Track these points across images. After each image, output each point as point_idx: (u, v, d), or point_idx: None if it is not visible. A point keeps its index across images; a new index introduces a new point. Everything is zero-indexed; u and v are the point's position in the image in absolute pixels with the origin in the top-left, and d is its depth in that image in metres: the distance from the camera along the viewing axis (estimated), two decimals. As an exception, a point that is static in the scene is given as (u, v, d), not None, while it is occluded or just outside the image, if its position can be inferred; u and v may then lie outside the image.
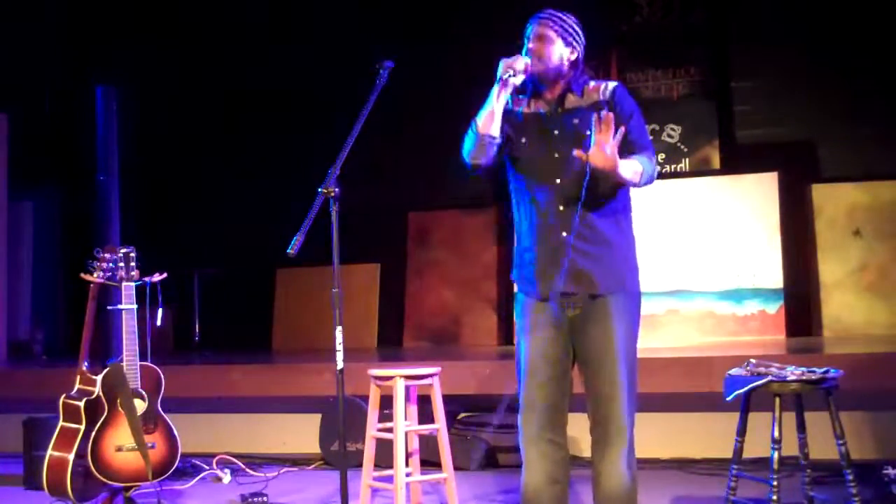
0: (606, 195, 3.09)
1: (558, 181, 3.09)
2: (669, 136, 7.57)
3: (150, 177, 8.23)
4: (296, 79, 8.26)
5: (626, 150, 3.05)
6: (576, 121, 3.11)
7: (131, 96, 7.23)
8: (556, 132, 3.12)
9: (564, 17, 3.17)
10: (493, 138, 3.08)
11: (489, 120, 3.07)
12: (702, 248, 7.13)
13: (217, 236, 8.32)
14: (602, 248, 3.10)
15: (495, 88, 3.07)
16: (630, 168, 2.99)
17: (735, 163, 7.40)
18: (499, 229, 7.84)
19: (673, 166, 7.56)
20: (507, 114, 3.13)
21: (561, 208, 3.09)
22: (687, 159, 7.54)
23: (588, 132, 3.03)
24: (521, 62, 3.07)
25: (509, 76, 3.04)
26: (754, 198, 7.08)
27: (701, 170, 7.45)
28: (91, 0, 8.70)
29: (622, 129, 2.91)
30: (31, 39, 8.47)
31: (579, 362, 3.18)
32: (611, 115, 2.90)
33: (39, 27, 8.58)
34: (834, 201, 7.07)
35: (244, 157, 8.48)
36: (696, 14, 7.64)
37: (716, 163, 7.46)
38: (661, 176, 7.44)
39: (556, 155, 3.10)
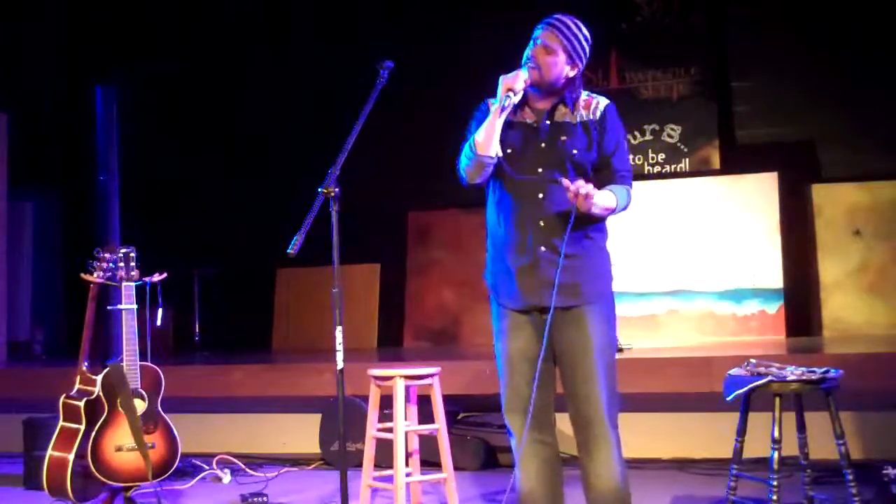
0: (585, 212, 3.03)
1: (541, 196, 3.06)
2: (669, 136, 7.57)
3: (150, 177, 8.22)
4: (296, 78, 8.27)
5: (606, 177, 3.09)
6: (563, 137, 3.08)
7: (131, 96, 7.23)
8: (542, 145, 3.09)
9: (576, 31, 3.09)
10: (492, 158, 3.06)
11: (488, 141, 3.03)
12: (702, 248, 7.13)
13: (217, 236, 8.31)
14: (579, 262, 3.09)
15: (494, 110, 3.03)
16: (604, 203, 3.00)
17: (735, 163, 7.40)
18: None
19: (673, 166, 7.56)
20: None
21: (541, 224, 3.07)
22: (687, 159, 7.54)
23: (574, 151, 3.02)
24: (521, 81, 3.02)
25: (509, 99, 3.00)
26: (754, 198, 7.08)
27: (701, 170, 7.45)
28: (91, 0, 8.70)
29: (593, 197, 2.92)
30: (31, 39, 8.47)
31: (558, 365, 3.17)
32: (582, 192, 2.89)
33: (39, 27, 8.57)
34: (834, 201, 7.07)
35: (244, 156, 8.47)
36: (695, 14, 7.63)
37: (716, 163, 7.46)
38: (662, 176, 7.54)
39: (541, 170, 3.07)
